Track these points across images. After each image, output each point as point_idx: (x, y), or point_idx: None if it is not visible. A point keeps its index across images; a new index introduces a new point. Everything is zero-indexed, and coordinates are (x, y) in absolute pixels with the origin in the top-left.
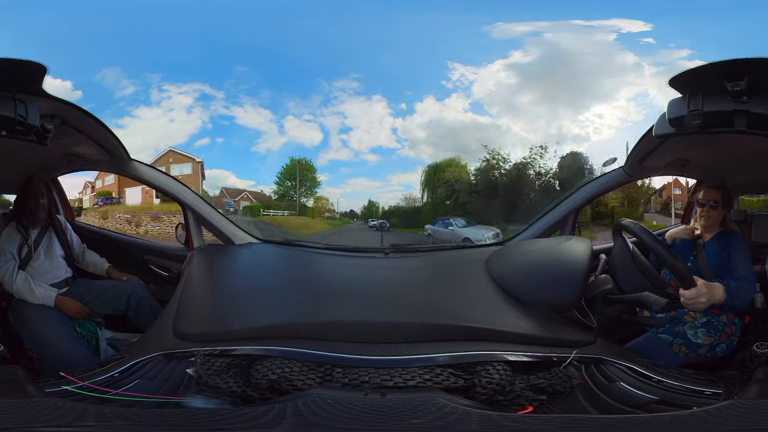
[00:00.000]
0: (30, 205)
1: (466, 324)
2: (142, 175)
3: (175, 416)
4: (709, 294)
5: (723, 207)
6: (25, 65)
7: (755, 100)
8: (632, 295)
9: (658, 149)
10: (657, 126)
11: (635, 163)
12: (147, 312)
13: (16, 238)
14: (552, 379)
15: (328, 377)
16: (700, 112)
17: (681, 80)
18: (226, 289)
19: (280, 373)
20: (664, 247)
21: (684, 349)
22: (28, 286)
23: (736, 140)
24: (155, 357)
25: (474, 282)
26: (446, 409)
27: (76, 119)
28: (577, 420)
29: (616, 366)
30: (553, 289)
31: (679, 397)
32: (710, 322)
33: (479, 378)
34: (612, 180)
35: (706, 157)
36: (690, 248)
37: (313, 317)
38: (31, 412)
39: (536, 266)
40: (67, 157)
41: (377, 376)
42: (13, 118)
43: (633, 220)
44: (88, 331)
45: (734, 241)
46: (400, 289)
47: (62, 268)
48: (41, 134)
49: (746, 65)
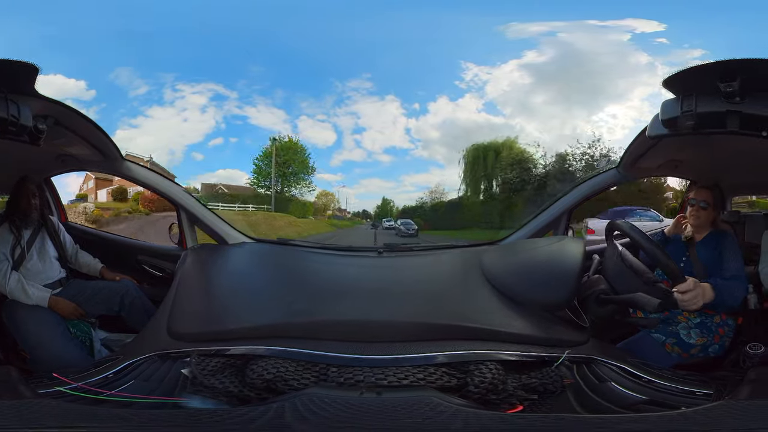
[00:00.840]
0: (22, 205)
1: (459, 323)
2: (135, 175)
3: (171, 417)
4: (701, 291)
5: (714, 208)
6: (17, 65)
7: (748, 100)
8: (625, 296)
9: (652, 150)
10: (650, 127)
11: (629, 164)
12: (141, 312)
13: (9, 239)
14: (544, 378)
15: (323, 377)
16: (693, 113)
17: (674, 81)
18: (220, 289)
19: (275, 372)
20: (656, 246)
21: (676, 348)
22: (21, 287)
23: (730, 141)
24: (149, 357)
25: (467, 281)
26: (440, 408)
27: (69, 119)
28: (563, 420)
29: (608, 366)
30: (547, 288)
31: (670, 397)
32: (704, 323)
33: (472, 377)
34: (606, 180)
35: (700, 158)
36: (682, 248)
37: (308, 316)
38: (24, 413)
39: (530, 266)
40: (60, 157)
41: (372, 375)
42: (6, 118)
43: (626, 221)
44: (81, 332)
45: (726, 241)
46: (394, 289)
47: (55, 268)
48: (34, 135)
49: (739, 66)
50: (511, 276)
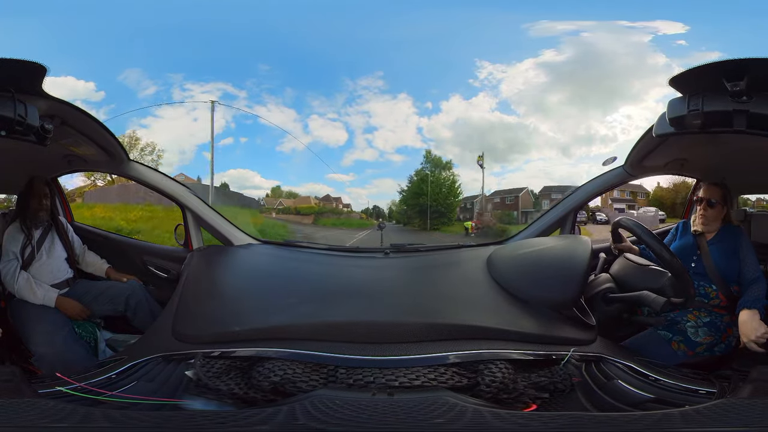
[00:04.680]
0: (33, 205)
1: (467, 323)
2: (140, 176)
3: (172, 418)
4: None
5: (723, 205)
6: (25, 65)
7: (755, 100)
8: (632, 294)
9: (658, 148)
10: (657, 125)
11: (635, 162)
12: (146, 313)
13: (20, 239)
14: (554, 377)
15: (332, 378)
16: (700, 111)
17: (681, 80)
18: (226, 291)
19: (283, 374)
20: (663, 245)
21: (683, 346)
22: (29, 287)
23: (736, 140)
24: (154, 359)
25: (475, 281)
26: (457, 408)
27: (76, 120)
28: (574, 417)
29: (615, 364)
30: (554, 287)
31: (674, 395)
32: (713, 322)
33: (483, 377)
34: (612, 179)
35: (706, 157)
36: (693, 247)
37: (314, 318)
38: (20, 412)
39: (537, 265)
40: (67, 157)
41: (382, 376)
42: (13, 118)
43: (632, 219)
44: (87, 332)
45: (740, 239)
46: (401, 289)
47: (63, 268)
48: (41, 134)
49: (746, 65)
50: (518, 275)
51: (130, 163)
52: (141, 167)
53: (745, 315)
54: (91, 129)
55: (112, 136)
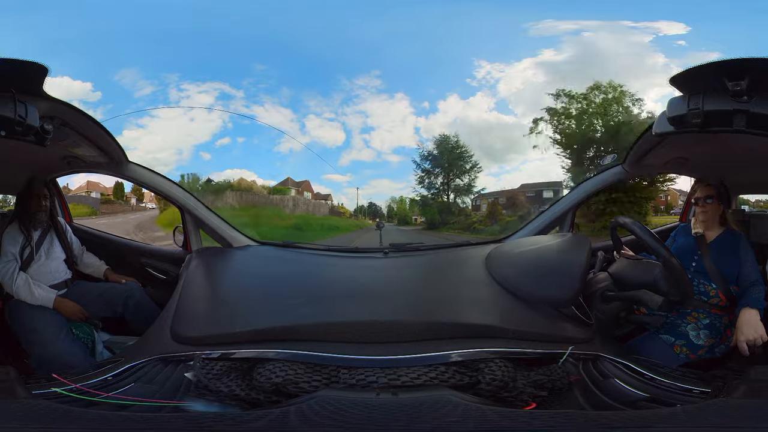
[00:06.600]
0: (32, 206)
1: (467, 321)
2: (139, 178)
3: (171, 420)
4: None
5: (719, 202)
6: (26, 66)
7: (755, 99)
8: (630, 293)
9: (658, 147)
10: (657, 124)
11: (634, 161)
12: (144, 315)
13: (19, 240)
14: (552, 375)
15: (334, 379)
16: (700, 111)
17: (682, 79)
18: (225, 292)
19: (284, 376)
20: (662, 245)
21: (685, 350)
22: (27, 287)
23: (736, 140)
24: (152, 360)
25: (474, 280)
26: (461, 408)
27: (76, 121)
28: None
29: (612, 363)
30: (552, 286)
31: (669, 395)
32: (713, 324)
33: (483, 375)
34: (611, 177)
35: (706, 156)
36: (694, 247)
37: (314, 319)
38: (12, 412)
39: (535, 263)
40: (66, 158)
41: (384, 376)
42: (13, 118)
43: (630, 218)
44: (84, 334)
45: (742, 242)
46: (401, 289)
47: (62, 269)
48: (40, 135)
49: (747, 65)
50: (517, 273)
51: (129, 165)
52: (140, 169)
53: (747, 314)
54: (91, 130)
55: (112, 137)
